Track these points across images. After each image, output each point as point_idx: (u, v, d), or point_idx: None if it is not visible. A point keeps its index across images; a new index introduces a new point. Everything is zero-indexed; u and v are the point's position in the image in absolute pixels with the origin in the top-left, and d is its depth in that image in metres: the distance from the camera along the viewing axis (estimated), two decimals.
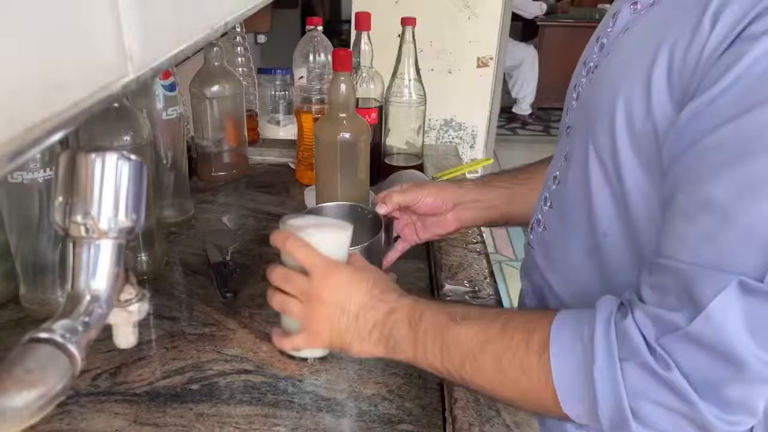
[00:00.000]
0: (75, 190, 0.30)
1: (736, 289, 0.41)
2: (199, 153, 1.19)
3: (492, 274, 0.85)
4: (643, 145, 0.52)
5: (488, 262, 0.87)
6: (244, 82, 1.22)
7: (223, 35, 1.06)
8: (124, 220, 0.31)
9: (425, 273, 0.90)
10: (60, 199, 0.31)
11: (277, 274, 0.61)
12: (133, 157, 0.31)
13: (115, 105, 0.78)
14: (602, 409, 0.47)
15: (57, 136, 0.25)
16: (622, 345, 0.46)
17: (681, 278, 0.44)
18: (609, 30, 0.62)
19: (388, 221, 0.80)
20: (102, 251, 0.32)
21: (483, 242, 0.93)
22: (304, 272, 0.59)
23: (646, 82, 0.49)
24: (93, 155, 0.30)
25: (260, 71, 1.63)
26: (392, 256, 0.83)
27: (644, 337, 0.46)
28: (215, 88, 1.12)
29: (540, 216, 0.68)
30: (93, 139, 0.71)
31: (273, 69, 1.66)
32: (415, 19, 1.12)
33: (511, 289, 2.39)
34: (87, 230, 0.31)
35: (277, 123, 1.62)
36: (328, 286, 0.58)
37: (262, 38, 2.34)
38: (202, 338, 0.75)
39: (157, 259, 0.88)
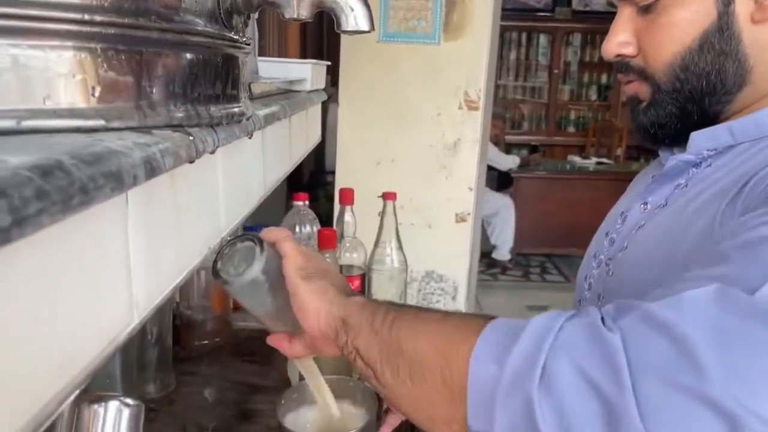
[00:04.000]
0: None
1: (719, 290, 0.37)
2: (183, 321, 1.19)
3: None
4: None
5: None
6: None
7: None
8: None
9: None
10: None
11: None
12: (130, 402, 0.33)
13: None
14: (513, 356, 0.39)
15: (69, 400, 0.27)
16: (573, 316, 0.41)
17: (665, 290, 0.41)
18: (618, 227, 0.67)
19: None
20: None
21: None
22: None
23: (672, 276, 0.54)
24: (95, 406, 0.32)
25: (247, 229, 1.69)
26: (384, 430, 0.81)
27: (602, 315, 0.40)
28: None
29: None
30: None
31: (260, 226, 1.71)
32: (395, 193, 1.19)
33: None
34: None
35: None
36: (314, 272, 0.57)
37: None
38: None
39: None
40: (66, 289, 0.26)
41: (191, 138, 0.38)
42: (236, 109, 0.44)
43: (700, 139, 0.60)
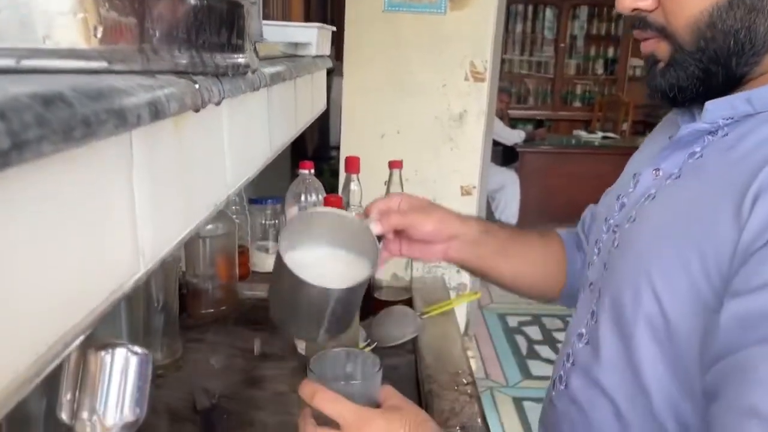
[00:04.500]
0: (83, 386, 0.31)
1: None
2: (190, 289, 1.19)
3: (484, 418, 0.84)
4: (664, 323, 0.54)
5: (480, 406, 0.87)
6: (237, 220, 1.26)
7: None
8: (128, 414, 0.32)
9: None
10: (68, 396, 0.32)
11: None
12: (138, 350, 0.33)
13: None
14: None
15: (74, 345, 0.27)
16: None
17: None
18: (630, 191, 0.65)
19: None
20: None
21: (474, 383, 0.93)
22: (336, 425, 0.57)
23: (679, 265, 0.52)
24: (102, 353, 0.32)
25: (252, 201, 1.68)
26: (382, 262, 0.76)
27: None
28: (208, 227, 1.16)
29: (562, 373, 0.68)
30: None
31: (264, 199, 1.71)
32: (401, 161, 1.18)
33: (504, 421, 2.32)
34: (93, 427, 0.32)
35: (266, 251, 1.64)
36: None
37: None
38: None
39: None
40: (70, 227, 0.25)
41: (197, 86, 0.37)
42: (241, 60, 0.43)
43: (716, 109, 0.56)
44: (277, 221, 1.67)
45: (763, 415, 0.42)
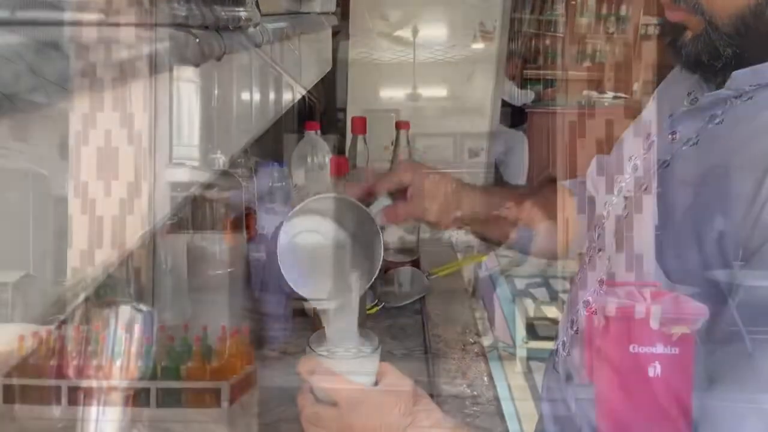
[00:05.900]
0: (88, 342, 0.31)
1: None
2: (198, 252, 1.20)
3: (491, 377, 0.85)
4: None
5: (487, 364, 0.88)
6: (243, 183, 1.26)
7: None
8: (133, 369, 0.32)
9: (423, 376, 0.90)
10: (74, 352, 0.32)
11: (306, 415, 0.59)
12: (143, 307, 0.33)
13: None
14: None
15: (79, 300, 0.27)
16: None
17: None
18: (644, 153, 0.62)
19: None
20: (110, 402, 0.33)
21: (480, 342, 0.93)
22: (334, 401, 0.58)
23: (693, 246, 0.51)
24: (107, 310, 0.32)
25: (258, 163, 1.67)
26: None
27: None
28: (215, 188, 1.15)
29: (565, 338, 0.67)
30: None
31: (270, 162, 1.70)
32: (408, 122, 1.17)
33: (511, 380, 2.35)
34: (98, 381, 0.32)
35: (274, 213, 1.64)
36: (358, 417, 0.56)
37: None
38: None
39: None
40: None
41: (197, 40, 0.36)
42: (242, 14, 0.42)
43: (743, 77, 0.53)
44: (284, 183, 1.67)
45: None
